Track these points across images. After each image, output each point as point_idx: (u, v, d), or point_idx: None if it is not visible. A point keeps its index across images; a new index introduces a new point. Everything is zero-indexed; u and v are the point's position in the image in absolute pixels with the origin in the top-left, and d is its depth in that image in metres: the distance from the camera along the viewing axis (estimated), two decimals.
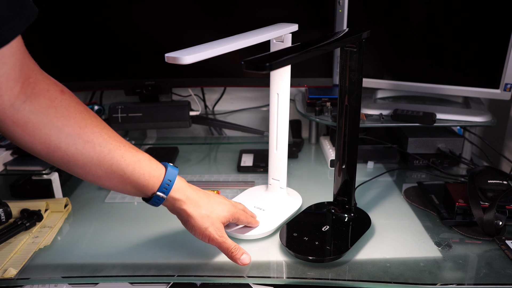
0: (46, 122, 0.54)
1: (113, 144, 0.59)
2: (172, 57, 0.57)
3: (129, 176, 0.60)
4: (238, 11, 1.04)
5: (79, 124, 0.56)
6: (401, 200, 0.90)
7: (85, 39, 1.04)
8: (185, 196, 0.65)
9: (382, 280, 0.65)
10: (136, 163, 0.61)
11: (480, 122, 0.97)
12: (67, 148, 0.56)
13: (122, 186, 0.61)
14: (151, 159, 0.64)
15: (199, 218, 0.66)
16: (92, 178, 0.60)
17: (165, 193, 0.63)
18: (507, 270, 0.67)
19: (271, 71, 0.52)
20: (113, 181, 0.61)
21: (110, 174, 0.59)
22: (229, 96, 1.27)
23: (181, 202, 0.65)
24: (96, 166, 0.58)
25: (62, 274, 0.68)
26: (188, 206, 0.65)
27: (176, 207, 0.65)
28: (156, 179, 0.63)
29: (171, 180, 0.64)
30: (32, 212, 0.81)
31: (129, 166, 0.60)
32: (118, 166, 0.59)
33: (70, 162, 0.57)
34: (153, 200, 0.63)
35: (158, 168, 0.63)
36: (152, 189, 0.63)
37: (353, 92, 0.72)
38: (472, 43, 0.93)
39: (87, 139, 0.57)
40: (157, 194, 0.63)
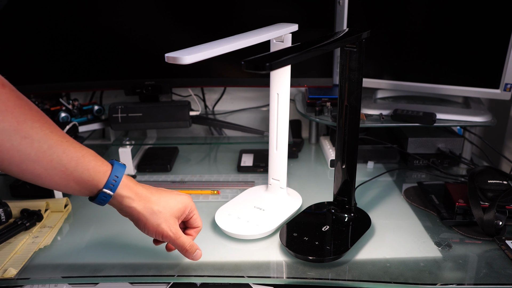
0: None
1: (54, 139, 0.56)
2: (172, 57, 0.57)
3: (71, 172, 0.57)
4: (238, 11, 1.04)
5: (17, 119, 0.53)
6: (401, 200, 0.90)
7: (85, 39, 1.04)
8: (133, 193, 0.62)
9: (382, 280, 0.65)
10: (79, 158, 0.57)
11: (480, 122, 0.97)
12: (2, 144, 0.52)
13: (64, 183, 0.58)
14: (96, 155, 0.60)
15: (150, 214, 0.62)
16: (30, 176, 0.56)
17: (112, 190, 0.60)
18: (507, 270, 0.67)
19: (271, 71, 0.52)
20: (54, 178, 0.57)
21: (50, 170, 0.56)
22: (229, 96, 1.27)
23: (130, 200, 0.61)
24: (34, 162, 0.54)
25: (62, 274, 0.68)
26: (137, 204, 0.62)
27: (125, 205, 0.62)
28: (101, 174, 0.59)
29: (118, 176, 0.60)
30: (32, 212, 0.81)
31: (71, 161, 0.57)
32: (59, 161, 0.56)
33: (5, 160, 0.53)
34: (99, 197, 0.60)
35: (104, 164, 0.60)
36: (98, 185, 0.59)
37: (353, 92, 0.72)
38: (472, 43, 0.93)
39: (25, 134, 0.53)
40: (104, 191, 0.59)
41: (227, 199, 0.88)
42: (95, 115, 1.10)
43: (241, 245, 0.74)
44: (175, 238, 0.64)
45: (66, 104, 1.06)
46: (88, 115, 1.09)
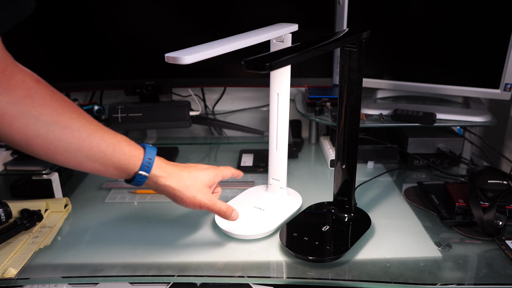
0: (23, 112, 0.54)
1: (91, 128, 0.60)
2: (172, 57, 0.57)
3: (110, 158, 0.61)
4: (238, 11, 1.04)
5: (56, 111, 0.57)
6: (401, 200, 0.90)
7: (85, 39, 1.04)
8: (166, 172, 0.67)
9: (382, 280, 0.65)
10: (115, 144, 0.62)
11: (480, 122, 0.97)
12: (46, 135, 0.56)
13: (104, 168, 0.62)
14: (129, 140, 0.65)
15: (185, 189, 0.68)
16: (74, 164, 0.60)
17: (147, 171, 0.65)
18: (507, 270, 0.67)
19: (271, 71, 0.52)
20: (95, 165, 0.61)
21: (91, 157, 0.60)
22: (229, 96, 1.27)
23: (164, 179, 0.66)
24: (77, 151, 0.59)
25: (62, 274, 0.68)
26: (171, 181, 0.67)
27: (160, 184, 0.67)
28: (136, 158, 0.64)
29: (151, 158, 0.65)
30: (32, 212, 0.81)
31: (109, 147, 0.61)
32: (98, 148, 0.60)
33: (50, 150, 0.58)
34: (136, 179, 0.65)
35: (137, 148, 0.65)
36: (134, 168, 0.64)
37: (353, 92, 0.72)
38: (472, 43, 0.93)
39: (65, 125, 0.57)
40: (140, 173, 0.64)
41: (227, 199, 0.88)
42: (95, 115, 1.10)
43: (241, 245, 0.74)
44: (212, 205, 0.70)
45: None
46: None
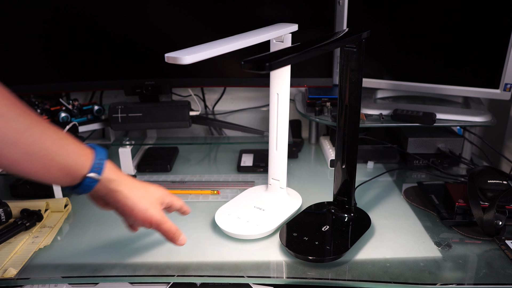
0: None
1: (29, 119, 0.49)
2: (172, 57, 0.57)
3: (54, 156, 0.51)
4: (238, 11, 1.04)
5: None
6: (401, 200, 0.90)
7: (85, 39, 1.04)
8: (118, 176, 0.58)
9: (382, 280, 0.65)
10: (61, 140, 0.51)
11: (480, 122, 0.97)
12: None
13: (44, 170, 0.51)
14: (76, 138, 0.55)
15: (137, 199, 0.59)
16: (7, 163, 0.49)
17: (99, 173, 0.55)
18: (507, 270, 0.67)
19: (271, 71, 0.52)
20: (35, 165, 0.50)
21: (30, 155, 0.49)
22: (229, 96, 1.27)
23: (116, 183, 0.57)
24: (12, 146, 0.48)
25: (62, 274, 0.68)
26: (123, 187, 0.58)
27: (111, 189, 0.57)
28: (86, 158, 0.54)
29: (102, 158, 0.56)
30: (32, 212, 0.81)
31: (53, 144, 0.50)
32: (39, 144, 0.49)
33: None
34: (85, 184, 0.54)
35: (85, 147, 0.55)
36: (82, 170, 0.54)
37: (353, 92, 0.72)
38: (472, 43, 0.93)
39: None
40: (89, 176, 0.54)
41: (227, 199, 0.88)
42: (95, 115, 1.10)
43: (241, 245, 0.74)
44: (164, 222, 0.62)
45: (66, 104, 1.06)
46: (88, 115, 1.09)
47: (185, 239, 0.67)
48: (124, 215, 0.62)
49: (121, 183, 0.58)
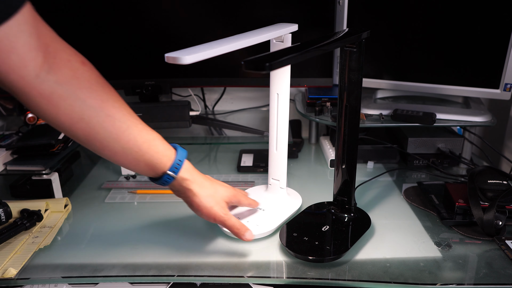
0: (70, 93, 0.54)
1: (131, 120, 0.60)
2: (172, 57, 0.57)
3: (144, 154, 0.61)
4: (238, 11, 1.04)
5: (101, 97, 0.57)
6: (401, 200, 0.90)
7: (84, 39, 1.04)
8: (192, 177, 0.67)
9: (382, 280, 0.65)
10: (151, 141, 0.62)
11: (480, 122, 0.97)
12: (90, 120, 0.56)
13: (135, 163, 0.62)
14: (163, 139, 0.65)
15: (204, 197, 0.68)
16: (108, 153, 0.60)
17: (175, 172, 0.65)
18: (507, 270, 0.67)
19: (271, 71, 0.52)
20: (128, 158, 0.61)
21: (127, 150, 0.60)
22: (229, 96, 1.27)
23: (189, 182, 0.67)
24: (115, 141, 0.59)
25: (62, 274, 0.68)
26: (194, 186, 0.67)
27: (183, 186, 0.67)
28: (168, 158, 0.64)
29: (181, 160, 0.66)
30: (32, 212, 0.81)
31: (145, 143, 0.61)
32: (134, 142, 0.60)
33: (91, 135, 0.57)
34: (163, 179, 0.65)
35: (169, 148, 0.66)
36: (164, 167, 0.64)
37: (353, 92, 0.72)
38: (472, 43, 0.93)
39: (108, 113, 0.57)
40: (168, 173, 0.64)
41: None
42: None
43: (241, 245, 0.74)
44: (226, 219, 0.69)
45: None
46: None
47: (251, 235, 0.71)
48: (192, 209, 0.70)
49: (193, 182, 0.67)
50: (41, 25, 0.52)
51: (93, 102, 0.56)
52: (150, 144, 0.62)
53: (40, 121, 1.05)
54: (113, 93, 0.59)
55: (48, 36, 0.53)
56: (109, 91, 0.58)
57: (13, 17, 0.47)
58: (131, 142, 0.60)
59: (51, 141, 0.91)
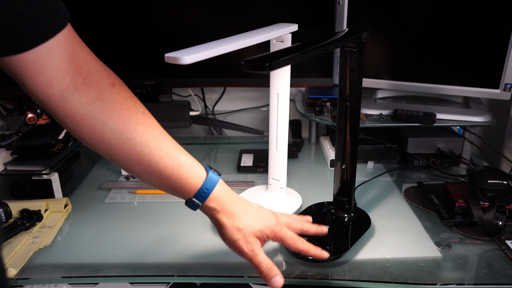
0: (92, 114, 0.55)
1: (154, 145, 0.58)
2: (172, 57, 0.57)
3: (166, 179, 0.60)
4: (238, 11, 1.04)
5: (123, 120, 0.56)
6: (401, 200, 0.90)
7: (84, 39, 1.04)
8: (220, 206, 0.62)
9: (382, 280, 0.65)
10: (175, 167, 0.59)
11: (480, 122, 0.97)
12: (110, 141, 0.56)
13: (159, 186, 0.62)
14: (193, 164, 0.61)
15: (230, 229, 0.62)
16: (134, 173, 0.61)
17: (201, 201, 0.62)
18: (507, 270, 0.67)
19: (271, 71, 0.52)
20: (152, 180, 0.61)
21: (149, 174, 0.60)
22: (229, 96, 1.27)
23: (215, 212, 0.62)
24: (136, 164, 0.58)
25: (62, 274, 0.68)
26: (221, 216, 0.62)
27: (211, 215, 0.64)
28: (193, 186, 0.61)
29: (209, 188, 0.62)
30: (32, 212, 0.81)
31: (167, 170, 0.59)
32: (156, 167, 0.59)
33: (113, 156, 0.58)
34: (189, 204, 0.62)
35: (197, 175, 0.61)
36: (189, 194, 0.61)
37: (353, 92, 0.72)
38: (472, 43, 0.93)
39: (129, 136, 0.57)
40: (193, 200, 0.62)
41: None
42: None
43: None
44: (251, 256, 0.62)
45: None
46: None
47: (280, 282, 0.61)
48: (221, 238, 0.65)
49: (219, 212, 0.62)
50: (77, 48, 0.55)
51: (113, 125, 0.56)
52: (173, 171, 0.59)
53: (40, 121, 1.05)
54: (139, 116, 0.58)
55: (82, 59, 0.55)
56: (135, 114, 0.58)
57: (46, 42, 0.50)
58: (153, 167, 0.59)
59: (51, 141, 0.91)
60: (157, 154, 0.58)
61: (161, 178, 0.60)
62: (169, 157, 0.59)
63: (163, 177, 0.60)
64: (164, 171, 0.59)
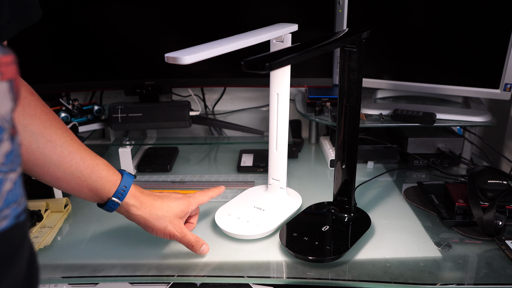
0: None
1: (73, 146, 0.61)
2: (172, 57, 0.57)
3: (86, 179, 0.62)
4: (238, 11, 1.04)
5: (43, 124, 0.58)
6: (401, 200, 0.90)
7: (85, 39, 1.04)
8: (139, 202, 0.66)
9: (382, 280, 0.65)
10: (94, 166, 0.62)
11: (480, 122, 0.97)
12: (29, 145, 0.57)
13: (78, 188, 0.62)
14: (109, 165, 0.65)
15: (156, 219, 0.67)
16: (50, 179, 0.61)
17: (120, 199, 0.64)
18: (507, 270, 0.67)
19: (271, 71, 0.52)
20: (70, 183, 0.61)
21: (69, 175, 0.61)
22: (229, 96, 1.27)
23: (135, 208, 0.66)
24: (56, 166, 0.59)
25: (62, 274, 0.68)
26: (143, 211, 0.67)
27: (131, 213, 0.66)
28: (112, 184, 0.64)
29: (127, 186, 0.65)
30: (32, 212, 0.81)
31: (87, 169, 0.61)
32: (76, 168, 0.60)
33: (30, 161, 0.58)
34: (108, 205, 0.64)
35: (114, 174, 0.65)
36: (108, 194, 0.64)
37: (353, 92, 0.72)
38: (472, 43, 0.93)
39: (50, 139, 0.58)
40: (112, 199, 0.64)
41: (227, 199, 0.88)
42: (95, 115, 1.10)
43: (241, 245, 0.74)
44: (181, 237, 0.68)
45: (66, 104, 1.06)
46: (88, 115, 1.09)
47: (207, 249, 0.71)
48: (148, 232, 0.69)
49: (140, 208, 0.67)
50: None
51: (34, 129, 0.57)
52: (93, 170, 0.62)
53: None
54: (57, 121, 0.60)
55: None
56: (53, 119, 0.59)
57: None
58: (73, 167, 0.60)
59: None
60: (77, 154, 0.61)
61: (81, 178, 0.61)
62: (88, 157, 0.62)
63: (83, 177, 0.61)
64: (84, 170, 0.61)
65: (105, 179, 0.63)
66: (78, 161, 0.61)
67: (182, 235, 0.68)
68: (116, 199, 0.64)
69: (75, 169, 0.60)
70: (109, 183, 0.64)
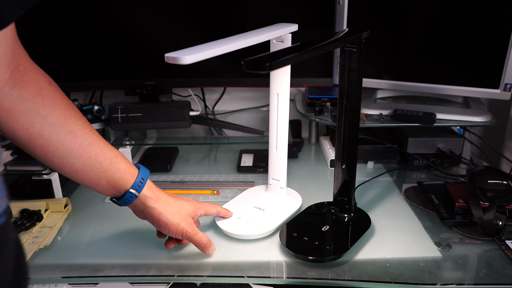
0: (32, 109, 0.55)
1: (93, 138, 0.60)
2: (172, 57, 0.57)
3: (105, 170, 0.61)
4: (238, 11, 1.04)
5: (63, 114, 0.57)
6: (401, 200, 0.90)
7: (85, 39, 1.04)
8: (155, 195, 0.67)
9: (382, 280, 0.65)
10: (113, 158, 0.62)
11: (480, 122, 0.97)
12: (50, 136, 0.57)
13: (96, 180, 0.62)
14: (125, 158, 0.65)
15: (170, 214, 0.68)
16: (69, 171, 0.60)
17: (138, 191, 0.64)
18: (507, 270, 0.67)
19: (271, 71, 0.52)
20: (89, 175, 0.61)
21: (88, 167, 0.60)
22: (229, 96, 1.27)
23: (152, 200, 0.66)
24: (75, 157, 0.59)
25: (62, 274, 0.68)
26: (158, 204, 0.67)
27: (147, 205, 0.66)
28: (130, 176, 0.64)
29: (144, 178, 0.65)
30: (32, 212, 0.81)
31: (106, 160, 0.61)
32: (96, 159, 0.60)
33: (50, 152, 0.57)
34: (125, 197, 0.64)
35: (132, 167, 0.65)
36: (126, 185, 0.64)
37: (353, 92, 0.72)
38: (472, 43, 0.93)
39: (70, 130, 0.58)
40: (130, 191, 0.64)
41: (227, 199, 0.88)
42: (95, 115, 1.10)
43: (241, 245, 0.74)
44: (194, 234, 0.69)
45: None
46: (88, 115, 1.09)
47: (214, 249, 0.72)
48: (159, 228, 0.69)
49: (156, 201, 0.67)
50: (18, 47, 0.54)
51: (54, 119, 0.57)
52: (112, 161, 0.62)
53: None
54: (76, 112, 0.60)
55: (21, 57, 0.55)
56: (72, 110, 0.59)
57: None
58: (93, 159, 0.60)
59: None
60: (96, 146, 0.60)
61: (100, 170, 0.61)
62: (107, 149, 0.62)
63: (102, 168, 0.61)
64: (104, 162, 0.61)
65: (124, 171, 0.63)
66: (97, 153, 0.60)
67: (195, 233, 0.69)
68: (134, 191, 0.64)
69: (95, 161, 0.60)
70: (128, 175, 0.64)
